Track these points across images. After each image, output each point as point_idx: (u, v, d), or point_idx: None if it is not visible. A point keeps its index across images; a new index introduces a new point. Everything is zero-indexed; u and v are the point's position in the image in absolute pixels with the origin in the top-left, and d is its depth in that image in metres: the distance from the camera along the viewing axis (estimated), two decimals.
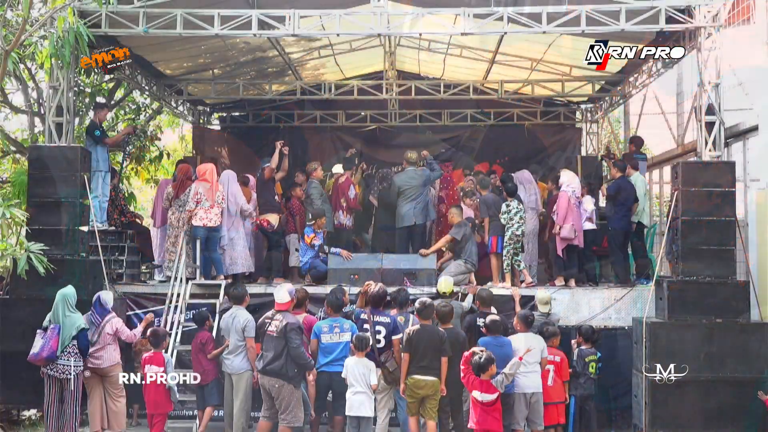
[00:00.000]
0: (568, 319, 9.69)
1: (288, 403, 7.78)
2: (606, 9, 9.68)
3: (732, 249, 9.28)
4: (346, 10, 10.12)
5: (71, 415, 8.28)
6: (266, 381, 7.86)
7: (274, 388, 7.79)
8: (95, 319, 8.46)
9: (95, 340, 8.44)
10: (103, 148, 10.65)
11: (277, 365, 7.76)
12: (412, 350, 7.92)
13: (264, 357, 7.88)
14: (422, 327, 8.02)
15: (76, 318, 8.29)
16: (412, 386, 7.93)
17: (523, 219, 10.24)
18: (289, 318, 7.87)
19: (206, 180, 10.18)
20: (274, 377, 7.79)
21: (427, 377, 7.90)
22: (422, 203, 11.18)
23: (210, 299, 9.89)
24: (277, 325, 7.82)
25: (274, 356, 7.77)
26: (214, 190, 10.13)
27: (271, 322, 7.89)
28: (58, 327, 8.21)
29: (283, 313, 7.94)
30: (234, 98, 15.46)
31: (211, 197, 10.08)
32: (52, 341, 8.14)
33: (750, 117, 10.79)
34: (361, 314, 8.52)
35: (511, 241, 10.17)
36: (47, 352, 8.14)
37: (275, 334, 7.80)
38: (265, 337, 7.91)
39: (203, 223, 10.04)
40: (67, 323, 8.21)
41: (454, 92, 14.74)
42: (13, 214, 7.30)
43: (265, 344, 7.91)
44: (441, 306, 8.33)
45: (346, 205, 11.78)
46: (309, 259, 10.57)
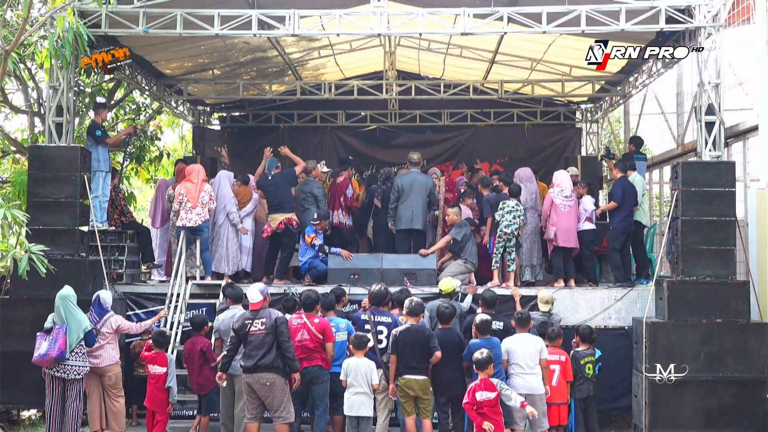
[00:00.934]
0: (567, 320, 9.67)
1: (281, 400, 7.62)
2: (606, 9, 9.68)
3: (732, 249, 9.27)
4: (346, 10, 10.12)
5: (73, 415, 8.27)
6: (256, 379, 7.60)
7: (265, 387, 7.58)
8: (93, 319, 8.45)
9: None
10: (104, 148, 10.65)
11: (269, 359, 7.54)
12: (399, 350, 7.88)
13: (251, 356, 7.60)
14: (408, 327, 7.96)
15: (82, 319, 8.26)
16: (403, 386, 7.91)
17: (517, 218, 10.21)
18: (275, 313, 7.73)
19: (190, 180, 10.26)
20: (267, 372, 7.56)
21: (417, 377, 7.87)
22: (422, 207, 11.07)
23: (210, 299, 9.90)
24: (264, 322, 7.59)
25: (265, 352, 7.55)
26: (198, 191, 10.14)
27: (254, 321, 7.63)
28: (64, 327, 8.13)
29: (266, 309, 7.73)
30: (234, 98, 15.48)
31: (193, 198, 10.10)
32: (60, 341, 8.06)
33: (750, 117, 10.79)
34: (360, 316, 8.50)
35: (500, 239, 10.17)
36: (56, 353, 8.03)
37: (265, 330, 7.56)
38: (249, 337, 7.62)
39: (183, 224, 10.13)
40: (73, 324, 8.16)
41: (454, 92, 14.74)
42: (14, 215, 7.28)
43: (251, 344, 7.62)
44: (443, 307, 8.31)
45: (345, 204, 11.77)
46: (309, 258, 10.56)
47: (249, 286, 8.13)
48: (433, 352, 7.85)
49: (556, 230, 10.43)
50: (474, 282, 10.22)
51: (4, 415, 9.85)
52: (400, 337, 7.89)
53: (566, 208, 10.49)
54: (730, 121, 10.74)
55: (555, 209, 10.47)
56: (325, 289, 9.84)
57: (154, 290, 10.36)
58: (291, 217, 10.67)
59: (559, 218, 10.46)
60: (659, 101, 15.00)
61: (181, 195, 10.23)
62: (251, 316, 7.70)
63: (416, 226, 10.99)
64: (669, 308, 9.10)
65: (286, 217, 10.64)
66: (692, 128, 12.48)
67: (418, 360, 7.87)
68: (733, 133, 11.04)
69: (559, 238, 10.44)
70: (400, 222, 11.04)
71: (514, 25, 9.96)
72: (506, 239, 10.20)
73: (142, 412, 9.66)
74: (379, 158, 15.65)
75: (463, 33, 10.00)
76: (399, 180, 11.22)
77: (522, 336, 8.31)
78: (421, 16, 9.96)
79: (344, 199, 11.75)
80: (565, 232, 10.47)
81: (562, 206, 10.46)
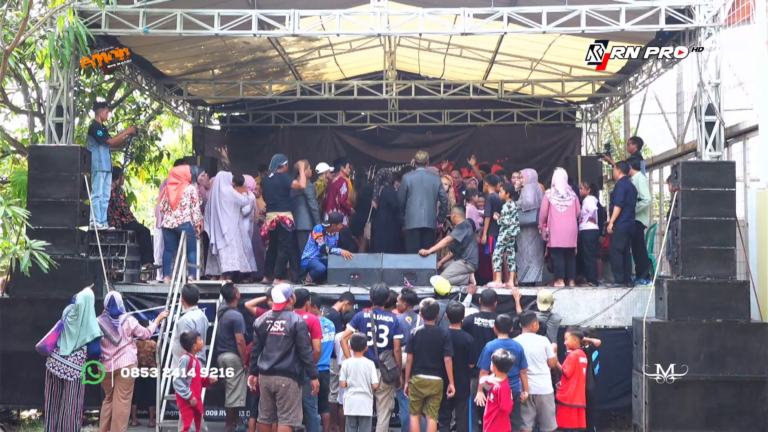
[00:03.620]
0: (567, 320, 9.65)
1: (291, 403, 7.71)
2: (606, 9, 9.69)
3: (732, 249, 9.28)
4: (346, 10, 10.13)
5: (72, 415, 8.27)
6: (272, 381, 7.70)
7: (281, 388, 7.68)
8: (107, 319, 8.48)
9: (117, 341, 8.43)
10: (105, 148, 10.63)
11: (286, 363, 7.66)
12: (416, 350, 7.95)
13: (268, 357, 7.72)
14: (426, 327, 8.07)
15: (94, 326, 8.33)
16: (417, 385, 7.97)
17: (518, 219, 10.21)
18: (296, 317, 7.80)
19: (173, 183, 10.30)
20: (282, 376, 7.67)
21: (431, 377, 7.96)
22: (431, 206, 11.04)
23: (210, 299, 9.89)
24: (283, 324, 7.70)
25: (283, 354, 7.66)
26: (179, 192, 10.15)
27: (274, 322, 7.76)
28: (61, 324, 8.28)
29: (288, 312, 7.86)
30: (234, 98, 15.49)
31: (171, 200, 10.14)
32: (50, 335, 8.31)
33: (750, 117, 10.79)
34: (362, 315, 8.52)
35: (505, 241, 10.16)
36: (41, 344, 8.33)
37: (284, 333, 7.67)
38: (269, 338, 7.76)
39: (162, 225, 10.27)
40: (84, 327, 8.25)
41: (454, 92, 14.75)
42: (14, 213, 7.29)
43: (269, 345, 7.75)
44: (452, 305, 8.39)
45: (339, 203, 11.76)
46: (310, 256, 10.54)
47: (274, 287, 8.29)
48: (444, 356, 7.91)
49: (548, 231, 10.41)
50: (474, 282, 10.22)
51: (4, 415, 9.84)
52: (418, 337, 7.99)
53: (563, 208, 10.38)
54: (730, 121, 10.74)
55: (551, 210, 10.43)
56: (325, 290, 9.87)
57: (154, 290, 10.35)
58: (284, 216, 10.63)
59: (554, 219, 10.39)
60: (659, 101, 14.98)
61: (164, 197, 10.33)
62: (272, 317, 7.82)
63: (428, 224, 10.94)
64: (669, 308, 9.11)
65: (279, 215, 10.62)
66: (692, 128, 12.47)
67: (434, 360, 7.95)
68: (733, 133, 11.04)
69: (553, 239, 10.37)
70: (411, 221, 10.92)
71: (514, 25, 9.96)
72: (510, 240, 10.19)
73: (142, 412, 9.70)
74: (379, 158, 15.66)
75: (463, 33, 10.00)
76: (407, 178, 11.11)
77: (527, 336, 8.28)
78: (421, 16, 9.96)
79: (338, 198, 11.74)
80: (562, 232, 10.35)
81: (558, 206, 10.39)
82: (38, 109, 13.48)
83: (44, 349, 8.33)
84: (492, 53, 13.58)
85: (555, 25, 9.81)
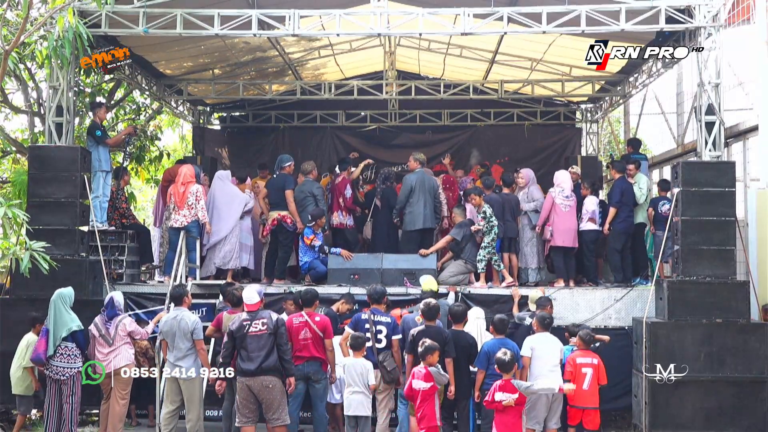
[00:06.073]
0: (567, 320, 9.65)
1: (279, 403, 7.61)
2: (606, 9, 9.69)
3: (732, 249, 9.27)
4: (346, 10, 10.13)
5: (69, 415, 8.28)
6: (259, 381, 7.57)
7: (267, 389, 7.56)
8: (102, 319, 8.45)
9: (111, 341, 8.40)
10: (104, 148, 10.63)
11: (272, 361, 7.56)
12: (416, 351, 7.92)
13: (251, 358, 7.56)
14: (426, 328, 7.99)
15: (68, 319, 8.30)
16: None
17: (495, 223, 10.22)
18: (275, 315, 7.74)
19: (177, 182, 10.34)
20: (270, 375, 7.57)
21: None
22: (432, 206, 11.04)
23: (210, 299, 9.89)
24: (265, 322, 7.58)
25: (267, 353, 7.55)
26: (184, 192, 10.19)
27: (252, 323, 7.60)
28: (45, 329, 8.34)
29: (265, 311, 7.75)
30: (234, 98, 15.49)
31: (178, 200, 10.20)
32: (39, 343, 8.38)
33: (750, 117, 10.79)
34: (361, 316, 8.51)
35: (489, 246, 10.16)
36: (34, 355, 8.40)
37: (267, 331, 7.56)
38: (248, 339, 7.58)
39: (170, 225, 10.30)
40: (58, 324, 8.25)
41: (454, 92, 14.75)
42: (14, 214, 7.29)
43: (249, 346, 7.58)
44: (455, 306, 8.39)
45: (345, 205, 11.76)
46: (309, 259, 10.54)
47: (246, 287, 8.14)
48: (445, 357, 7.83)
49: (552, 230, 10.42)
50: (474, 282, 10.22)
51: (4, 415, 9.84)
52: (418, 338, 7.87)
53: (567, 207, 10.48)
54: (730, 121, 10.75)
55: (555, 209, 10.46)
56: (325, 290, 9.86)
57: (154, 290, 10.34)
58: (285, 215, 10.63)
59: (559, 218, 10.45)
60: (659, 101, 14.99)
61: (170, 197, 10.37)
62: (249, 318, 7.66)
63: (431, 225, 10.96)
64: (669, 308, 9.10)
65: (280, 213, 10.62)
66: (692, 128, 12.48)
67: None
68: (733, 133, 11.04)
69: (557, 238, 10.42)
70: (416, 221, 10.86)
71: (514, 25, 9.97)
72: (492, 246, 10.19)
73: (142, 412, 9.69)
74: (380, 158, 15.60)
75: (463, 33, 10.00)
76: (411, 179, 11.02)
77: (544, 335, 8.22)
78: (421, 16, 9.96)
79: (343, 199, 11.73)
80: (565, 231, 10.44)
81: (562, 206, 10.45)
82: (38, 109, 13.49)
83: (39, 359, 8.36)
84: (492, 53, 13.58)
85: (555, 25, 9.81)
